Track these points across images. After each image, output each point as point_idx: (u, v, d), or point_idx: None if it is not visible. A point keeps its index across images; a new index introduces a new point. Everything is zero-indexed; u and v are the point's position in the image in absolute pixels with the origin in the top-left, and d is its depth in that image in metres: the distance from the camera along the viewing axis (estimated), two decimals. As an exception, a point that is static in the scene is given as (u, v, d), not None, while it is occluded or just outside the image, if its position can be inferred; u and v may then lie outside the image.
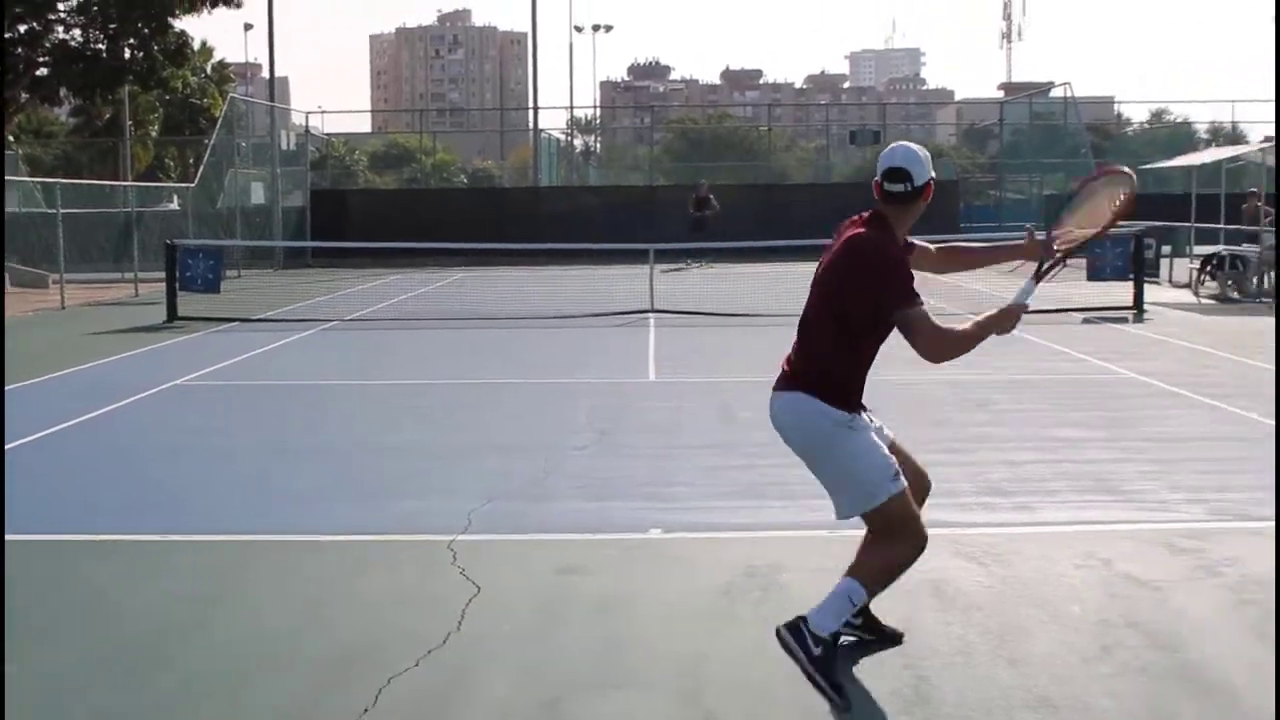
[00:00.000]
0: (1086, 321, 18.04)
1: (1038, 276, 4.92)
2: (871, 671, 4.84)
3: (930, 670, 4.85)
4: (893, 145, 4.79)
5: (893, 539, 4.72)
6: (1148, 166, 33.90)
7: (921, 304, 4.55)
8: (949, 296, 19.09)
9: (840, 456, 4.68)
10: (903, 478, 4.68)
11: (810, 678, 4.53)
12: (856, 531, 6.80)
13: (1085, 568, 6.17)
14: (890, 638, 5.14)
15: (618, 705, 4.54)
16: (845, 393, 4.70)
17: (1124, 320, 17.84)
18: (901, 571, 4.78)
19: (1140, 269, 19.48)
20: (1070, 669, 4.85)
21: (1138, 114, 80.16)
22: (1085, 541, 6.61)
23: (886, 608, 5.53)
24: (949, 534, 6.80)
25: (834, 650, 4.59)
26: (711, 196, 33.01)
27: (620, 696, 4.59)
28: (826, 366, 4.71)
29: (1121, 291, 19.33)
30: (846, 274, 4.65)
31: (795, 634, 4.56)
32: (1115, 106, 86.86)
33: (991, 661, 4.95)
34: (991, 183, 47.01)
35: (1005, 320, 4.65)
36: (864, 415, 4.79)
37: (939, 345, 4.57)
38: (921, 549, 4.75)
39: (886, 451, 4.73)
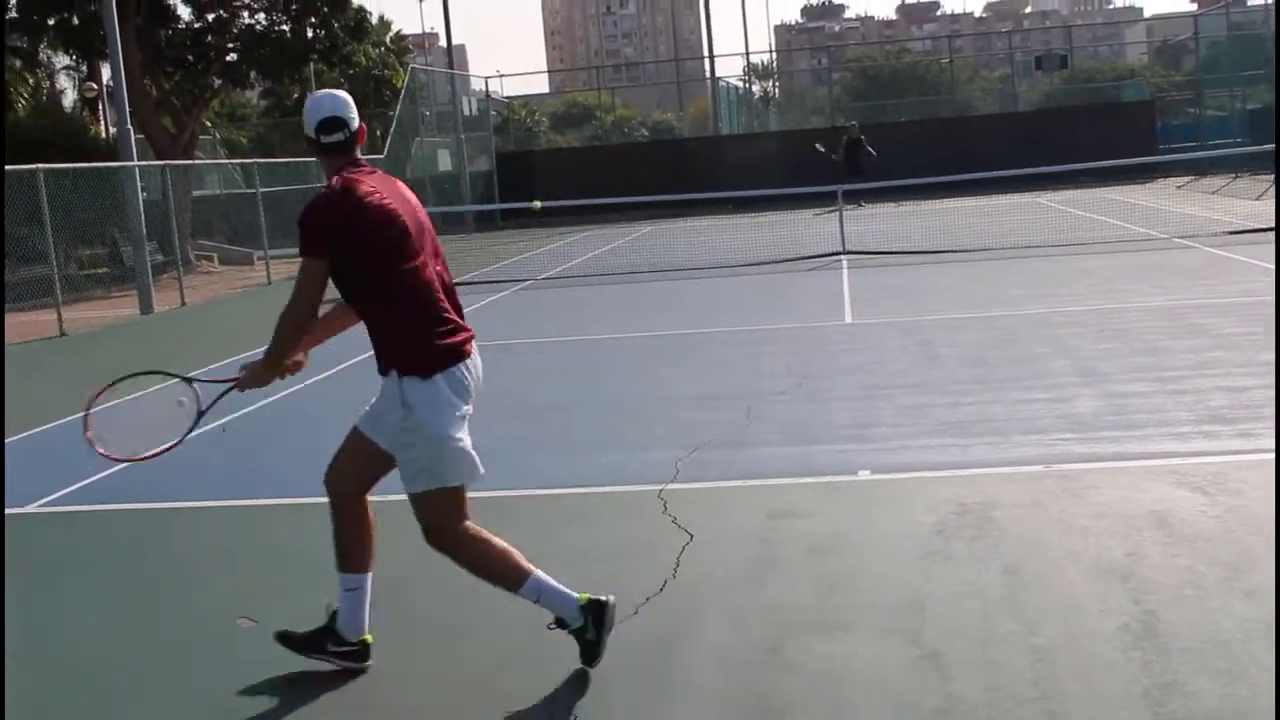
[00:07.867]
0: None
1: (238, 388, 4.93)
2: (1096, 607, 4.72)
3: (1158, 604, 4.71)
4: (315, 96, 4.56)
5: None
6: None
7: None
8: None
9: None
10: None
11: None
12: (1071, 467, 6.70)
13: (1318, 493, 5.91)
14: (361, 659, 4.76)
15: (840, 647, 4.52)
16: (413, 353, 4.71)
17: (1342, 235, 16.90)
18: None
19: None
20: (1311, 599, 4.65)
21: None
22: (1316, 466, 6.34)
23: (1111, 544, 5.41)
24: (1169, 464, 6.62)
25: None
26: (863, 138, 32.45)
27: (842, 638, 4.57)
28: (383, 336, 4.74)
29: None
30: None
31: None
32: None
33: (1224, 593, 4.78)
34: (1190, 100, 45.09)
35: (268, 368, 4.77)
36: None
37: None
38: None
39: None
